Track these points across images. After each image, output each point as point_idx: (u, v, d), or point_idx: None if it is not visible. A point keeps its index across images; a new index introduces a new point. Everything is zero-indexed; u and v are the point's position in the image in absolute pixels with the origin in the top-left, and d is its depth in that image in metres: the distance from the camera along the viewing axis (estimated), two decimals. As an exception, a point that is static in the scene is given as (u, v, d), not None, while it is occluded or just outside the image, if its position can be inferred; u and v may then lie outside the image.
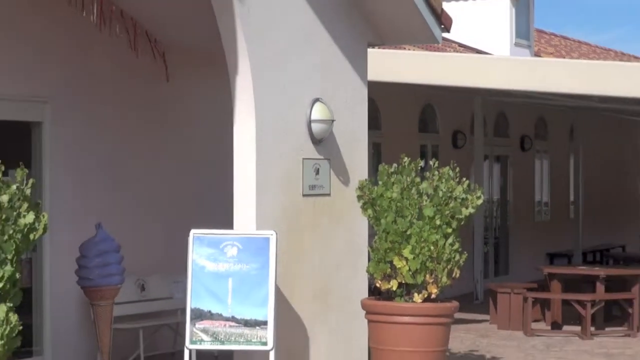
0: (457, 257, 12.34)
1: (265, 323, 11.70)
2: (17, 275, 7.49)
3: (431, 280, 12.24)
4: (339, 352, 13.43)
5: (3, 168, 7.62)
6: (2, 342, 7.30)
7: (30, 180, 7.73)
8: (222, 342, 11.78)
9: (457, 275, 12.54)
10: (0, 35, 12.48)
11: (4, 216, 7.39)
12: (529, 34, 24.36)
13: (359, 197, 12.86)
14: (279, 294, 12.08)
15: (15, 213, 7.46)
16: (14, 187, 7.53)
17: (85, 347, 13.44)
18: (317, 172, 13.14)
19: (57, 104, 13.30)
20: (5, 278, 7.32)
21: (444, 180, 12.48)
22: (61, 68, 13.34)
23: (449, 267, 12.28)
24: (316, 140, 13.10)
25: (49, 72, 13.20)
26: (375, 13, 13.96)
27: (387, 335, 12.41)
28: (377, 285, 12.61)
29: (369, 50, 14.27)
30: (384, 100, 18.21)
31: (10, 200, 7.45)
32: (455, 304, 12.80)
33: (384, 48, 14.90)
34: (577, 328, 16.74)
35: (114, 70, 14.05)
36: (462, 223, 12.57)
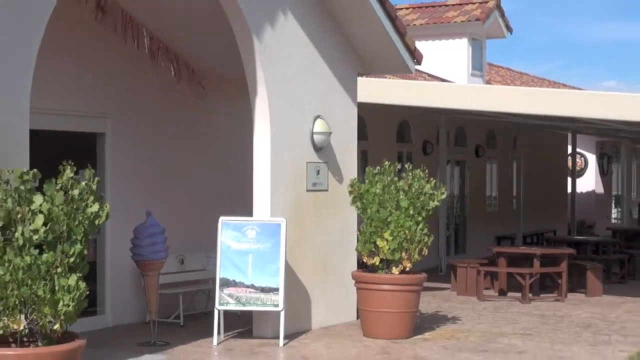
0: (426, 239, 12.45)
1: (277, 290, 11.78)
2: (85, 252, 7.49)
3: (406, 257, 12.35)
4: (334, 312, 13.48)
5: (75, 168, 7.63)
6: (73, 303, 7.30)
7: (96, 178, 7.73)
8: (244, 304, 11.88)
9: (426, 253, 12.65)
10: (75, 66, 12.50)
11: (75, 206, 7.39)
12: (482, 66, 24.31)
13: (350, 192, 12.99)
14: (287, 267, 12.14)
15: (83, 204, 7.46)
16: (83, 183, 7.53)
17: (137, 308, 13.45)
18: (318, 172, 13.19)
19: (116, 119, 13.30)
20: (76, 254, 7.33)
21: (416, 180, 12.60)
22: (120, 91, 13.33)
23: (419, 246, 12.38)
24: (317, 148, 13.18)
25: (111, 95, 13.18)
26: (363, 50, 14.01)
27: (371, 299, 12.48)
28: (364, 260, 12.74)
29: (359, 78, 14.29)
30: (370, 117, 18.18)
31: (80, 194, 7.45)
32: (424, 275, 12.90)
33: (370, 77, 14.92)
34: (518, 294, 16.73)
35: (160, 92, 14.03)
36: (430, 213, 12.69)
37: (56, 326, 7.30)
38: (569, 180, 28.55)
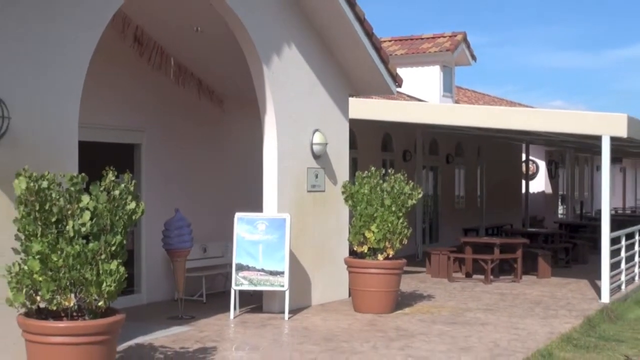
0: (406, 231, 12.45)
1: (282, 273, 11.78)
2: (124, 242, 7.49)
3: (389, 246, 12.36)
4: (330, 292, 13.47)
5: (116, 173, 7.62)
6: (115, 284, 7.29)
7: (133, 181, 7.71)
8: (255, 285, 11.88)
9: (405, 242, 12.67)
10: (116, 90, 12.48)
11: (116, 204, 7.37)
12: (451, 89, 24.30)
13: (343, 193, 12.98)
14: (291, 254, 12.13)
15: (123, 202, 7.45)
16: (123, 185, 7.52)
17: (167, 288, 13.43)
18: (316, 176, 13.19)
19: (150, 132, 13.28)
20: (116, 243, 7.33)
21: (397, 182, 12.60)
22: (153, 110, 13.31)
23: (400, 237, 12.38)
24: (316, 156, 13.18)
25: (146, 113, 13.17)
26: (354, 75, 14.00)
27: (361, 280, 12.49)
28: (355, 249, 12.74)
29: (350, 98, 14.29)
30: (359, 131, 18.17)
31: (120, 194, 7.44)
32: (404, 260, 12.90)
33: (359, 97, 14.90)
34: (481, 277, 16.71)
35: (186, 110, 14.02)
36: (409, 209, 12.70)
37: (100, 303, 7.30)
38: (523, 182, 28.57)
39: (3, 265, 7.27)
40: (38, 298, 7.22)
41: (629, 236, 16.90)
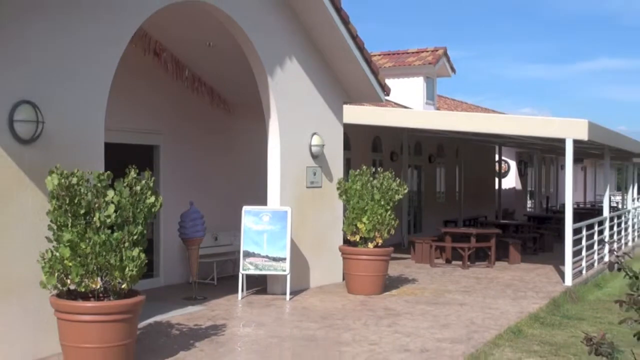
0: (393, 222, 12.46)
1: (284, 259, 11.78)
2: (145, 232, 7.49)
3: (378, 235, 12.36)
4: (326, 276, 13.45)
5: (137, 171, 7.61)
6: (136, 269, 7.29)
7: (152, 178, 7.71)
8: (260, 270, 11.88)
9: (393, 232, 12.68)
10: (137, 97, 12.46)
11: (137, 198, 7.37)
12: (433, 97, 24.28)
13: (338, 189, 12.99)
14: (292, 243, 12.13)
15: (143, 196, 7.44)
16: (143, 181, 7.52)
17: (183, 272, 13.41)
18: (315, 174, 13.17)
19: (167, 135, 13.27)
20: (138, 233, 7.33)
21: (385, 179, 12.61)
22: (170, 115, 13.30)
23: (388, 228, 12.39)
24: (314, 156, 13.16)
25: (163, 117, 13.16)
26: (347, 85, 13.98)
27: (354, 266, 12.49)
28: (348, 238, 12.74)
29: (344, 105, 14.27)
30: (352, 134, 18.15)
31: (141, 189, 7.43)
32: (391, 248, 12.91)
33: (352, 104, 14.88)
34: (460, 262, 16.72)
35: (199, 115, 14.01)
36: (396, 203, 12.71)
37: (123, 285, 7.31)
38: (496, 179, 28.59)
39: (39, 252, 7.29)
40: (68, 281, 7.25)
41: (589, 227, 17.00)
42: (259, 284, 12.79)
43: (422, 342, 8.98)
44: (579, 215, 21.43)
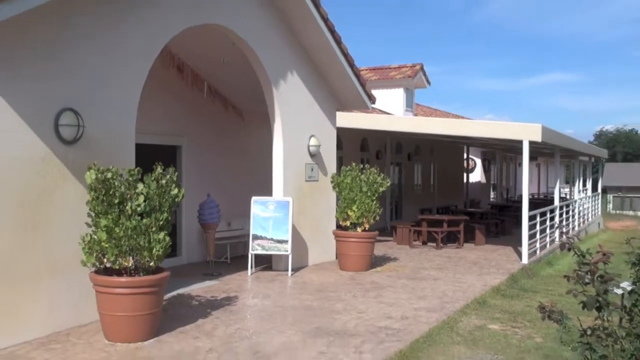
0: (378, 210, 12.47)
1: (287, 241, 11.77)
2: (169, 218, 7.49)
3: (365, 221, 12.37)
4: (322, 255, 13.46)
5: (163, 167, 7.60)
6: (162, 250, 7.29)
7: (176, 173, 7.71)
8: (267, 250, 11.86)
9: (378, 218, 12.69)
10: (163, 105, 12.46)
11: (163, 190, 7.37)
12: (412, 105, 24.23)
13: (332, 182, 12.99)
14: (293, 227, 12.12)
15: (168, 188, 7.44)
16: (168, 176, 7.50)
17: (201, 252, 13.42)
18: (312, 170, 13.17)
19: (188, 136, 13.26)
20: (163, 219, 7.31)
21: (372, 174, 12.59)
22: (190, 120, 13.30)
23: (374, 215, 12.40)
24: (312, 155, 13.16)
25: (185, 122, 13.15)
26: (340, 95, 13.98)
27: (345, 247, 12.49)
28: (340, 223, 12.73)
29: (337, 112, 14.26)
30: (344, 136, 18.14)
31: (166, 182, 7.42)
32: (376, 232, 12.91)
33: (343, 111, 14.87)
34: (434, 244, 16.75)
35: (215, 120, 14.00)
36: (380, 194, 12.69)
37: (151, 263, 7.30)
38: (465, 174, 28.62)
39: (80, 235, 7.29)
40: (105, 260, 7.26)
41: (542, 214, 17.04)
42: (265, 262, 12.80)
43: (403, 311, 9.00)
44: (533, 204, 21.38)
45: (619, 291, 4.10)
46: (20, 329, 7.17)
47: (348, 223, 12.50)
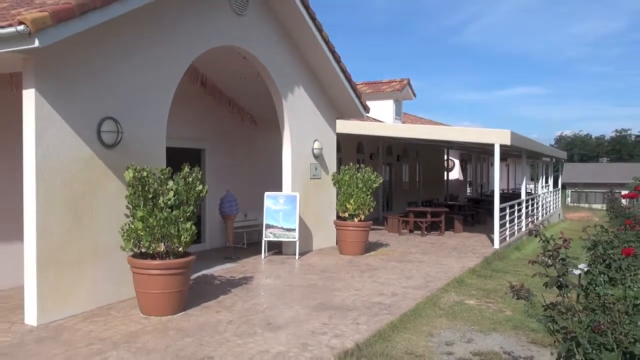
0: (372, 203, 12.42)
1: (294, 230, 11.76)
2: (195, 210, 7.50)
3: (361, 213, 12.34)
4: (324, 242, 13.45)
5: (190, 167, 7.61)
6: (189, 237, 7.29)
7: (200, 172, 7.72)
8: (277, 237, 11.84)
9: (372, 210, 12.63)
10: (190, 114, 12.48)
11: (189, 186, 7.38)
12: (400, 114, 24.17)
13: (332, 179, 12.95)
14: (300, 218, 12.12)
15: (194, 185, 7.44)
16: (194, 174, 7.50)
17: (222, 239, 13.43)
18: (316, 169, 13.15)
19: (210, 141, 13.27)
20: (190, 211, 7.31)
21: (366, 173, 12.56)
22: (212, 127, 13.31)
23: (368, 207, 12.36)
24: (315, 156, 13.13)
25: (208, 127, 13.17)
26: (339, 105, 13.96)
27: (344, 235, 12.46)
28: (340, 214, 12.70)
29: (337, 120, 14.25)
30: (342, 140, 18.13)
31: (192, 180, 7.41)
32: (370, 222, 12.87)
33: (342, 119, 14.86)
34: (419, 232, 16.75)
35: (233, 127, 14.01)
36: (374, 190, 12.64)
37: (180, 249, 7.31)
38: (445, 173, 28.59)
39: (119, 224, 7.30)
40: (140, 245, 7.26)
41: (511, 207, 17.00)
42: (276, 248, 12.81)
43: (393, 288, 8.99)
44: (503, 198, 21.41)
45: (577, 272, 4.11)
46: (69, 304, 7.20)
47: (346, 214, 12.49)
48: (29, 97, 6.76)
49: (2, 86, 8.44)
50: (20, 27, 6.08)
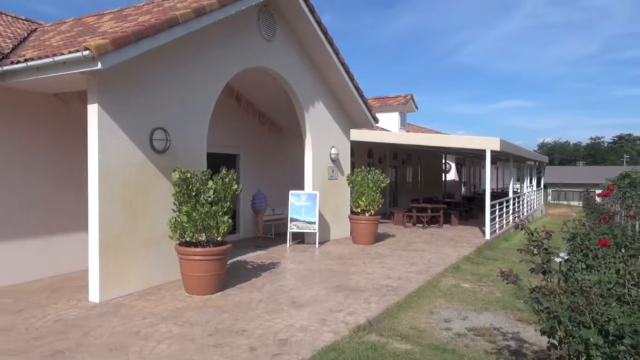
0: (380, 200, 12.32)
1: (315, 223, 11.70)
2: (231, 206, 7.51)
3: (372, 208, 12.25)
4: (339, 233, 13.37)
5: (227, 169, 7.64)
6: (226, 228, 7.29)
7: (235, 174, 7.74)
8: (301, 229, 11.80)
9: (380, 206, 12.53)
10: (226, 125, 12.52)
11: (226, 186, 7.38)
12: (405, 124, 24.01)
13: (347, 180, 12.86)
14: (319, 213, 12.07)
15: (230, 185, 7.44)
16: (230, 176, 7.51)
17: (253, 230, 13.44)
18: (333, 171, 13.10)
19: (243, 148, 13.29)
20: (227, 207, 7.31)
21: (376, 174, 12.46)
22: (245, 136, 13.34)
23: (377, 204, 12.27)
24: (332, 160, 13.05)
25: (241, 137, 13.20)
26: (353, 117, 13.90)
27: (357, 227, 12.37)
28: (353, 210, 12.63)
29: (351, 129, 14.20)
30: (355, 147, 18.06)
31: (229, 180, 7.42)
32: (379, 216, 12.74)
33: (355, 129, 14.80)
34: (421, 225, 16.62)
35: (263, 136, 14.02)
36: (382, 189, 12.56)
37: (218, 238, 7.33)
38: (443, 174, 28.32)
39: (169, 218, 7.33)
40: (185, 235, 7.28)
41: (500, 204, 16.81)
42: (299, 238, 12.80)
43: (399, 273, 8.94)
44: (493, 196, 21.19)
45: (558, 260, 4.05)
46: (126, 285, 7.27)
47: (359, 210, 12.44)
48: (93, 111, 6.85)
49: (71, 102, 8.57)
50: (86, 52, 6.17)
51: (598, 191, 8.58)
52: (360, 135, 16.14)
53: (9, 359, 4.91)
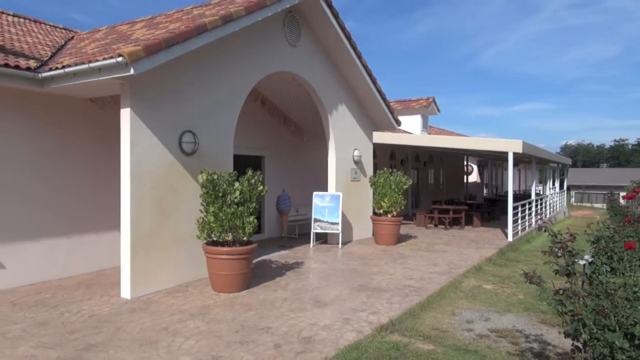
0: (403, 201, 12.24)
1: (338, 223, 11.69)
2: (256, 207, 7.54)
3: (394, 209, 12.18)
4: (362, 233, 13.32)
5: (252, 171, 7.68)
6: (252, 228, 7.31)
7: (261, 175, 7.78)
8: (324, 229, 11.79)
9: (402, 207, 12.45)
10: (252, 128, 12.60)
11: (252, 187, 7.40)
12: (427, 127, 23.83)
13: (369, 181, 12.81)
14: (342, 214, 12.05)
15: (256, 186, 7.47)
16: (256, 177, 7.55)
17: (278, 230, 13.48)
18: (355, 173, 13.07)
19: (268, 150, 13.36)
20: (253, 207, 7.34)
21: (398, 176, 12.40)
22: (270, 138, 13.40)
23: (400, 205, 12.20)
24: (355, 162, 13.02)
25: (266, 140, 13.26)
26: (375, 120, 13.84)
27: (379, 228, 12.32)
28: (376, 211, 12.58)
29: (373, 132, 14.14)
30: (378, 149, 17.99)
31: (254, 181, 7.45)
32: (402, 217, 12.66)
33: (378, 131, 14.75)
34: (443, 226, 16.45)
35: (287, 138, 14.06)
36: (404, 190, 12.47)
37: (244, 238, 7.36)
38: (465, 176, 27.99)
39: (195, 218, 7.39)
40: (212, 235, 7.34)
41: (523, 205, 16.51)
42: (323, 238, 12.79)
43: (421, 274, 8.86)
44: (516, 198, 20.86)
45: (582, 262, 3.96)
46: (155, 282, 7.37)
47: (381, 211, 12.38)
48: (125, 114, 6.98)
49: (103, 107, 8.75)
50: (120, 59, 6.29)
51: (622, 193, 8.35)
52: (382, 137, 16.07)
53: (46, 352, 5.04)
